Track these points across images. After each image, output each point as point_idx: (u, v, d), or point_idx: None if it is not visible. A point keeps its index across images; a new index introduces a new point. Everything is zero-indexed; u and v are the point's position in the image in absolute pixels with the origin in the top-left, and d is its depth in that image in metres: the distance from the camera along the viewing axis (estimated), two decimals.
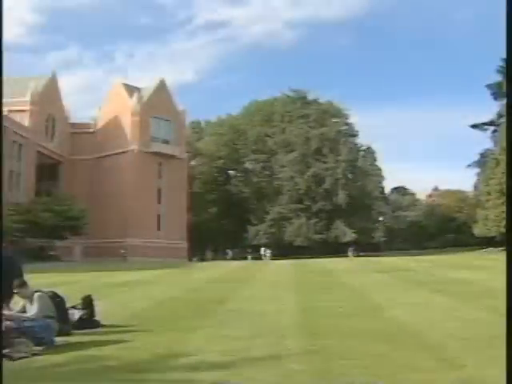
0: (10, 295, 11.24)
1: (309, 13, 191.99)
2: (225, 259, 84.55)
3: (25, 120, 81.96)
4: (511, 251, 7.34)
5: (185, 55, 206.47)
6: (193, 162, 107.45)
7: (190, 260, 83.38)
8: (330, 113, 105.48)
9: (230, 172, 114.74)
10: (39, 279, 21.95)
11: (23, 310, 10.56)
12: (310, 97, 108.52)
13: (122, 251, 76.95)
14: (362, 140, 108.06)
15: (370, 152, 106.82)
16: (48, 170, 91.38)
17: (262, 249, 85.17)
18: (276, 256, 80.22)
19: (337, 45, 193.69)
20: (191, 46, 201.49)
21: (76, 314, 12.32)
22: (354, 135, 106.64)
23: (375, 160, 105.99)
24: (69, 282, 26.91)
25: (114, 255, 76.23)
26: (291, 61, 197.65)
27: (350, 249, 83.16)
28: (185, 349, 9.31)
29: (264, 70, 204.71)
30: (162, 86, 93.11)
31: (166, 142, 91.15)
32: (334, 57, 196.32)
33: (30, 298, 10.57)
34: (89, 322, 12.29)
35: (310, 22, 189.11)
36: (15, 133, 78.24)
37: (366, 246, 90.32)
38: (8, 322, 9.98)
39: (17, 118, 79.41)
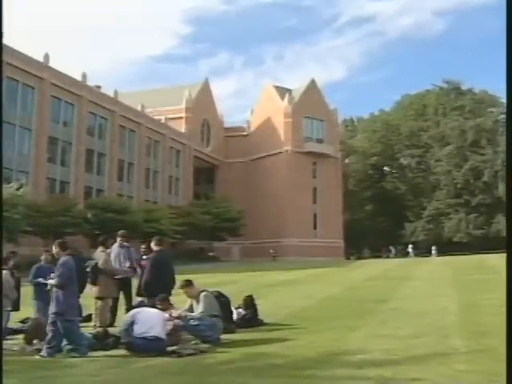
0: (167, 294, 11.71)
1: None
2: (382, 257, 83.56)
3: (181, 127, 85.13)
4: (511, 251, 6.87)
5: (332, 53, 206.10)
6: (347, 160, 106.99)
7: (348, 258, 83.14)
8: (486, 102, 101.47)
9: (385, 168, 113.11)
10: (201, 279, 22.70)
11: (190, 310, 10.98)
12: (464, 87, 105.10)
13: (271, 251, 77.79)
14: None
15: None
16: (204, 174, 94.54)
17: (410, 246, 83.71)
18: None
19: (488, 30, 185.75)
20: (338, 44, 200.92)
21: (239, 314, 12.67)
22: None
23: None
24: (229, 282, 27.60)
25: (270, 255, 77.27)
26: (442, 51, 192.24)
27: None
28: (347, 347, 9.33)
29: (414, 63, 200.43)
30: (312, 86, 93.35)
31: (320, 141, 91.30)
32: (485, 43, 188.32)
33: (196, 298, 10.97)
34: (252, 320, 12.60)
35: (458, 8, 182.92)
36: (173, 139, 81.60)
37: None
38: (176, 321, 10.43)
39: (173, 125, 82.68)
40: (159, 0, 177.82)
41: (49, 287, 10.43)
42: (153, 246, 12.94)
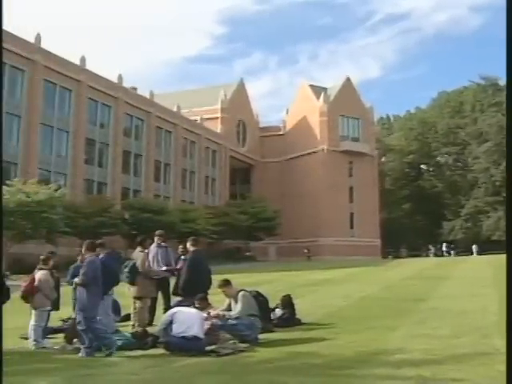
0: (205, 294, 11.77)
1: None
2: (421, 256, 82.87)
3: (217, 127, 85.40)
4: (511, 251, 6.76)
5: (367, 51, 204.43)
6: (383, 159, 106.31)
7: (385, 257, 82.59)
8: None
9: (422, 167, 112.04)
10: (238, 279, 22.73)
11: (229, 309, 11.02)
12: (502, 83, 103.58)
13: (305, 251, 77.55)
14: None
15: None
16: (240, 174, 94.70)
17: (444, 244, 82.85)
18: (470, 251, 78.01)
19: None
20: (373, 42, 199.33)
21: (277, 313, 12.69)
22: None
23: None
24: (265, 282, 27.58)
25: (304, 255, 77.09)
26: (478, 47, 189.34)
27: None
28: (385, 347, 9.27)
29: (450, 59, 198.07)
30: (347, 85, 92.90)
31: (356, 139, 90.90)
32: None
33: (234, 297, 11.01)
34: (290, 320, 12.60)
35: (493, 4, 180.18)
36: (208, 140, 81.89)
37: None
38: (214, 320, 10.48)
39: (209, 125, 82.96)
40: (193, 1, 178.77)
41: (74, 286, 10.66)
42: (189, 246, 13.11)
